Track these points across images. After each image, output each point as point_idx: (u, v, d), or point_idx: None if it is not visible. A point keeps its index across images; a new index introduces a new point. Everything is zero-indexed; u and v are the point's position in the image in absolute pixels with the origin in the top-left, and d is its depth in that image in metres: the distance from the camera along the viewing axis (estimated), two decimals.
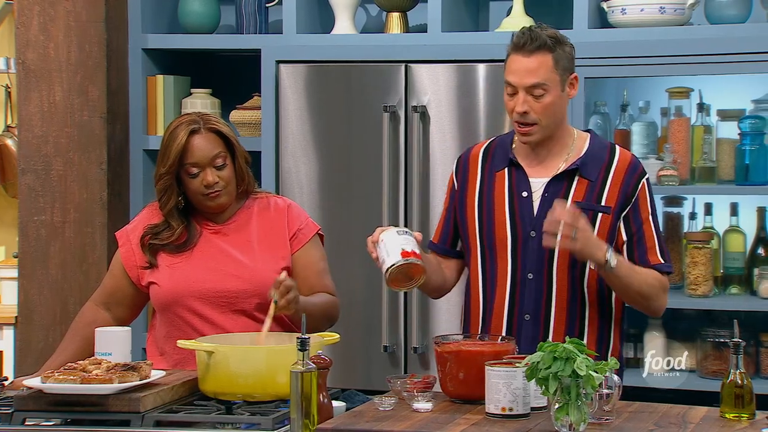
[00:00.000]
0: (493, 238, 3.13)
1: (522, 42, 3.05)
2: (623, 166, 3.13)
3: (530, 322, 3.11)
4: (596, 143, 3.17)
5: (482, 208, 3.15)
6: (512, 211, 3.12)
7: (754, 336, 4.30)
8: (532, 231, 3.09)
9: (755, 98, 4.44)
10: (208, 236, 3.29)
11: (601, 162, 3.13)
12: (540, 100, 3.04)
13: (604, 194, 3.10)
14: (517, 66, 3.05)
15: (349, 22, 4.77)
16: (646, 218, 3.12)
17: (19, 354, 4.81)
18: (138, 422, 2.74)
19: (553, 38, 3.07)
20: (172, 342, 3.21)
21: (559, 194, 3.09)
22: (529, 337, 3.07)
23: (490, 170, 3.18)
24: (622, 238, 3.10)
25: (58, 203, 4.75)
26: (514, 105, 3.06)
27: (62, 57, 4.73)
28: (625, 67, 4.31)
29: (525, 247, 3.10)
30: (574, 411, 2.56)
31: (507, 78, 3.07)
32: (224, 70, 5.10)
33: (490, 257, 3.13)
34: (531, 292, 3.10)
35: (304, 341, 2.65)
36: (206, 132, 3.24)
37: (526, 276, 3.10)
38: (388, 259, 2.92)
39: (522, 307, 3.11)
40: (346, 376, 4.29)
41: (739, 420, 2.74)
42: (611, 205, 3.09)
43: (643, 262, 3.09)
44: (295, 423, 2.63)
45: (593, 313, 3.12)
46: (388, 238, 2.95)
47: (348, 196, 4.54)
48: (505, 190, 3.14)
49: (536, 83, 3.03)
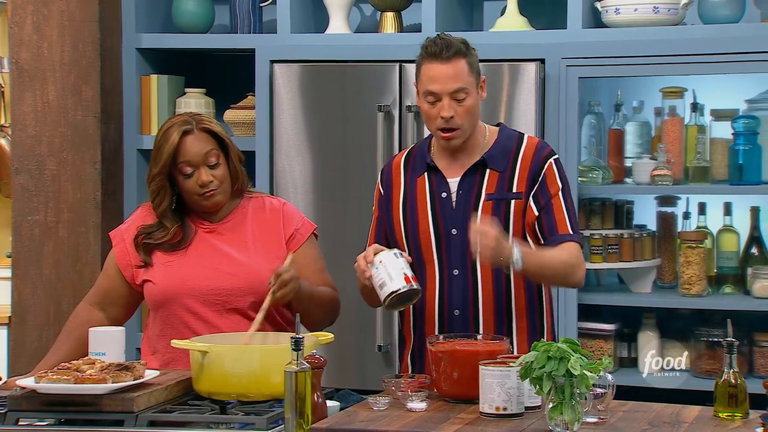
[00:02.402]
0: (418, 240, 3.21)
1: (438, 50, 3.12)
2: (530, 151, 3.22)
3: (459, 317, 3.18)
4: (504, 135, 3.26)
5: (407, 213, 3.24)
6: (434, 212, 3.21)
7: (747, 335, 4.31)
8: (453, 229, 3.18)
9: (749, 98, 4.44)
10: (202, 235, 3.29)
11: (509, 152, 3.22)
12: (462, 103, 3.13)
13: (514, 182, 3.19)
14: (437, 73, 3.11)
15: (343, 21, 4.77)
16: (555, 193, 3.19)
17: (13, 354, 4.81)
18: (132, 422, 2.74)
19: (464, 44, 3.15)
20: (165, 340, 3.22)
21: (473, 189, 3.18)
22: (460, 331, 3.14)
23: (411, 177, 3.26)
24: (534, 214, 3.18)
25: (51, 203, 4.75)
26: (438, 111, 3.13)
27: (56, 56, 4.73)
28: (619, 66, 4.32)
29: (448, 244, 3.18)
30: (568, 410, 2.57)
31: (428, 87, 3.12)
32: (218, 69, 5.10)
33: (418, 259, 3.20)
34: (458, 287, 3.18)
35: (298, 341, 2.65)
36: (199, 131, 3.24)
37: (452, 272, 3.19)
38: (390, 284, 2.99)
39: (450, 303, 3.19)
40: (340, 375, 4.30)
41: (733, 419, 2.75)
42: (522, 190, 3.18)
43: (552, 234, 3.17)
44: (290, 423, 2.63)
45: (521, 302, 3.21)
46: (388, 260, 3.02)
47: (342, 196, 4.55)
48: (427, 194, 3.23)
49: (459, 87, 3.11)
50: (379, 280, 3.00)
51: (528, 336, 3.18)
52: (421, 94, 3.15)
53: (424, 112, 3.17)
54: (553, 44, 4.35)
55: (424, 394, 2.87)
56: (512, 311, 3.19)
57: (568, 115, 4.33)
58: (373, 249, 3.06)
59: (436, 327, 3.19)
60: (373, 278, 3.02)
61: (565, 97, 4.32)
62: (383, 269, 3.00)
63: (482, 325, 3.17)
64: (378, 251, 3.05)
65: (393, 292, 2.98)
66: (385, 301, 3.01)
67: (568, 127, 4.33)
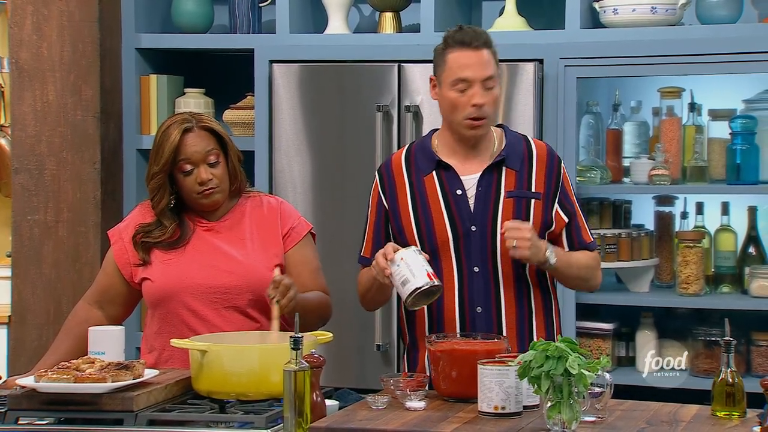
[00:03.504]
0: (434, 239, 3.18)
1: (469, 39, 3.12)
2: (542, 154, 3.23)
3: (482, 314, 3.17)
4: (512, 136, 3.27)
5: (417, 213, 3.20)
6: (449, 210, 3.18)
7: (745, 334, 4.32)
8: (472, 226, 3.16)
9: (746, 98, 4.45)
10: (201, 233, 3.30)
11: (521, 153, 3.22)
12: (492, 92, 3.13)
13: (532, 182, 3.19)
14: (470, 60, 3.11)
15: (342, 21, 4.77)
16: (574, 201, 3.25)
17: (13, 353, 4.81)
18: (131, 421, 2.74)
19: (488, 36, 3.17)
20: (163, 338, 3.22)
21: (492, 186, 3.17)
22: (483, 328, 3.14)
23: (417, 176, 3.23)
24: (564, 221, 3.21)
25: (51, 203, 4.75)
26: (468, 99, 3.11)
27: (55, 56, 4.74)
28: (617, 67, 4.33)
29: (467, 242, 3.16)
30: (566, 409, 2.57)
31: (460, 75, 3.10)
32: (217, 69, 5.11)
33: (434, 258, 3.15)
34: (479, 284, 3.17)
35: (297, 340, 2.65)
36: (199, 130, 3.25)
37: (472, 270, 3.17)
38: (414, 280, 2.98)
39: (472, 301, 3.17)
40: (339, 374, 4.30)
41: (730, 418, 2.75)
42: (540, 191, 3.19)
43: (581, 242, 3.24)
44: (289, 422, 2.63)
45: (538, 298, 3.22)
46: (410, 258, 3.00)
47: (341, 196, 4.55)
48: (438, 191, 3.20)
49: (491, 75, 3.13)
50: (401, 277, 2.98)
51: (545, 334, 3.19)
52: (448, 84, 3.11)
53: (450, 101, 3.12)
54: (552, 44, 4.36)
55: (423, 393, 2.88)
56: (532, 309, 3.19)
57: (567, 115, 4.34)
58: (392, 246, 3.03)
59: (457, 325, 3.16)
60: (394, 276, 2.99)
61: (564, 97, 4.33)
62: (405, 266, 2.98)
63: (505, 322, 3.16)
64: (396, 249, 3.02)
65: (417, 288, 2.96)
66: (408, 299, 2.98)
67: (567, 126, 4.34)
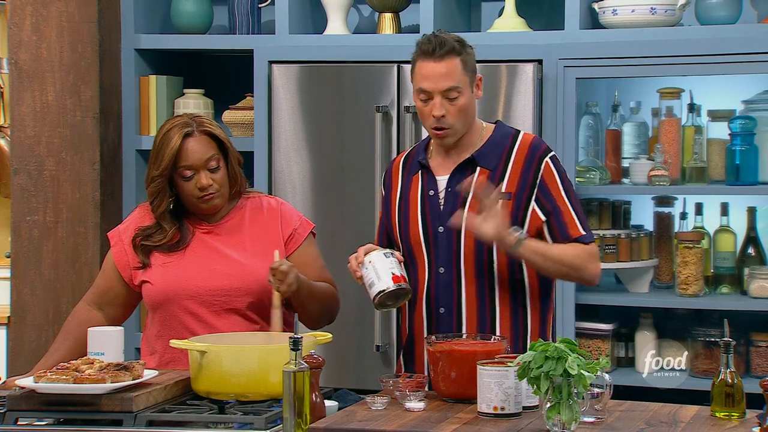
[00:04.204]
0: (409, 238, 3.22)
1: (431, 48, 3.11)
2: (523, 150, 3.19)
3: (445, 314, 3.18)
4: (499, 132, 3.24)
5: (401, 212, 3.25)
6: (423, 210, 3.21)
7: (744, 335, 4.32)
8: (440, 227, 3.18)
9: (745, 99, 4.45)
10: (200, 236, 3.30)
11: (502, 150, 3.20)
12: (454, 102, 3.12)
13: (504, 181, 3.16)
14: (430, 71, 3.11)
15: (341, 22, 4.77)
16: (558, 195, 3.17)
17: (12, 354, 4.81)
18: (130, 422, 2.74)
19: (459, 42, 3.14)
20: (163, 341, 3.22)
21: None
22: (446, 329, 3.15)
23: (407, 176, 3.28)
24: (540, 219, 3.16)
25: (50, 203, 4.75)
26: (430, 110, 3.13)
27: (55, 57, 4.73)
28: (616, 67, 4.33)
29: (435, 242, 3.18)
30: (565, 410, 2.57)
31: (420, 85, 3.13)
32: (217, 70, 5.11)
33: (410, 256, 3.22)
34: (443, 285, 3.18)
35: (296, 341, 2.66)
36: (200, 135, 3.24)
37: (438, 270, 3.19)
38: (378, 283, 3.05)
39: (437, 301, 3.19)
40: (338, 375, 4.30)
41: (730, 419, 2.75)
42: (512, 191, 3.15)
43: (565, 238, 3.15)
44: (288, 422, 2.63)
45: (505, 300, 3.18)
46: (377, 260, 3.07)
47: (340, 196, 4.55)
48: (418, 192, 3.24)
49: (451, 86, 3.11)
50: (369, 279, 3.06)
51: (509, 332, 3.16)
52: (415, 92, 3.16)
53: (418, 109, 3.18)
54: (551, 45, 4.36)
55: (422, 394, 2.88)
56: (496, 310, 3.18)
57: (566, 116, 4.34)
58: (365, 249, 3.10)
59: (424, 325, 3.21)
60: (363, 278, 3.08)
61: (563, 98, 4.33)
62: (372, 269, 3.06)
63: (465, 324, 3.16)
64: (369, 251, 3.09)
65: (380, 291, 3.04)
66: (374, 300, 3.06)
67: (566, 127, 4.34)
